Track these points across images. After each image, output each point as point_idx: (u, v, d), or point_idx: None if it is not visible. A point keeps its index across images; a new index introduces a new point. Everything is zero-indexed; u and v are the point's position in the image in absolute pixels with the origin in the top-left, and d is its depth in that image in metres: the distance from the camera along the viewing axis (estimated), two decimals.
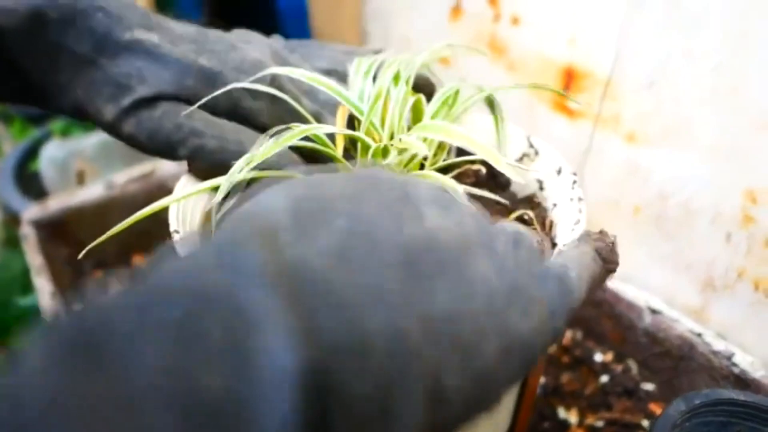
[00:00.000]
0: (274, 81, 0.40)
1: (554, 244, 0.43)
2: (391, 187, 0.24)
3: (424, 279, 0.22)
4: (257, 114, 0.40)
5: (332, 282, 0.19)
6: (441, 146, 0.44)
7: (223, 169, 0.37)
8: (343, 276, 0.20)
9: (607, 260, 0.34)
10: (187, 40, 0.40)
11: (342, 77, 0.45)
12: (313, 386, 0.17)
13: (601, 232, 0.37)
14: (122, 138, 0.39)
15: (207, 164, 0.39)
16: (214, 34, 0.42)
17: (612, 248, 0.36)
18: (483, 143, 0.36)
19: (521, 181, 0.38)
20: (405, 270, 0.21)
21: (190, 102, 0.38)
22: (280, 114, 0.41)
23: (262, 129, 0.39)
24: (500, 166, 0.35)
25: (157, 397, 0.16)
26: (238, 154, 0.37)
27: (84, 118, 0.39)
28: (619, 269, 0.33)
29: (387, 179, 0.24)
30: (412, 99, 0.44)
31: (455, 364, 0.21)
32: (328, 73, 0.46)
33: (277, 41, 0.47)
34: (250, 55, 0.40)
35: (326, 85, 0.42)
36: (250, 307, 0.18)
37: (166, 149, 0.38)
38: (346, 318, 0.19)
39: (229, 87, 0.38)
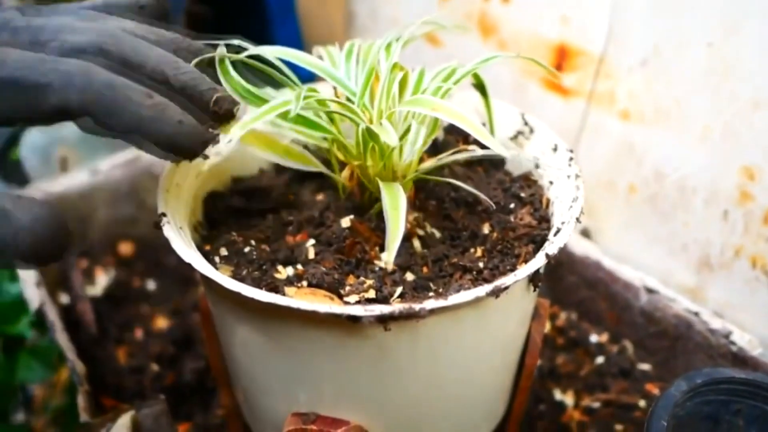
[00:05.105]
0: None
1: (548, 223, 0.42)
2: None
3: None
4: None
5: None
6: (437, 123, 0.43)
7: None
8: None
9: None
10: None
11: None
12: None
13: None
14: None
15: None
16: None
17: None
18: (471, 119, 0.36)
19: (506, 155, 0.38)
20: None
21: None
22: None
23: None
24: (486, 140, 0.35)
25: None
26: None
27: None
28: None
29: None
30: (399, 74, 0.42)
31: None
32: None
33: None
34: None
35: (308, 63, 0.41)
36: None
37: None
38: None
39: None
